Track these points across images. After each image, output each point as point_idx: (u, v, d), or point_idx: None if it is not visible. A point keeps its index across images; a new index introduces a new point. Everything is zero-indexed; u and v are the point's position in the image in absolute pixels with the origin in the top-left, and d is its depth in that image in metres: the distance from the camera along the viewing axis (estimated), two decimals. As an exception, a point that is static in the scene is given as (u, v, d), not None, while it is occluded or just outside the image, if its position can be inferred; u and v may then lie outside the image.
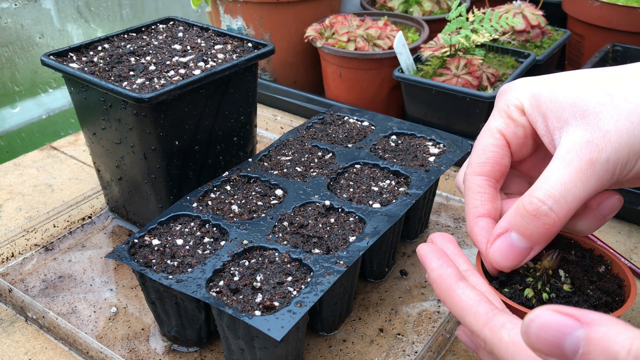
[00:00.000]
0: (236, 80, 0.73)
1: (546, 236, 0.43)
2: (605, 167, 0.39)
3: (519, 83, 0.48)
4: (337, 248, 0.59)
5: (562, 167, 0.40)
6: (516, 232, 0.43)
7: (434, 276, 0.44)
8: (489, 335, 0.38)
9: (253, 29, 1.15)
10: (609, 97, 0.40)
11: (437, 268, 0.43)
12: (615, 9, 1.10)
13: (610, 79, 0.42)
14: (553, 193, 0.40)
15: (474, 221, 0.47)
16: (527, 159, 0.51)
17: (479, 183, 0.47)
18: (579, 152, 0.40)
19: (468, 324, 0.40)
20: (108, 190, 0.80)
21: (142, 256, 0.58)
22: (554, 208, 0.40)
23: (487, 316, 0.39)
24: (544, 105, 0.44)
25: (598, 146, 0.39)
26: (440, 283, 0.43)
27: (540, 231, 0.42)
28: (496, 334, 0.38)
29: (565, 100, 0.42)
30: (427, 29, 1.13)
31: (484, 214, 0.47)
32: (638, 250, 0.76)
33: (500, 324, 0.38)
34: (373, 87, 1.07)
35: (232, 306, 0.51)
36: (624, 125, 0.39)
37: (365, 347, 0.62)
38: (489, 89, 0.94)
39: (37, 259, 0.75)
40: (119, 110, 0.66)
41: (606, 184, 0.41)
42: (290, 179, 0.69)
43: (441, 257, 0.44)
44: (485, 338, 0.38)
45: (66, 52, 0.73)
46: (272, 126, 1.07)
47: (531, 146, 0.48)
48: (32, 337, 0.64)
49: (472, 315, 0.39)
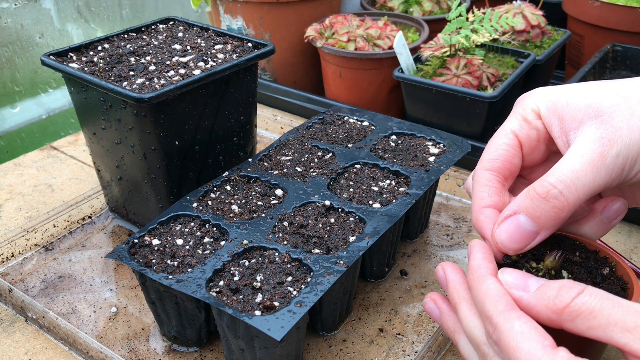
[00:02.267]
0: (236, 80, 0.73)
1: (554, 221, 0.43)
2: (615, 161, 0.41)
3: (537, 91, 0.50)
4: (337, 248, 0.59)
5: (575, 158, 0.42)
6: (524, 214, 0.44)
7: (473, 264, 0.45)
8: (502, 321, 0.39)
9: (253, 29, 1.15)
10: (622, 100, 0.43)
11: (478, 258, 0.45)
12: (615, 9, 1.10)
13: (625, 86, 0.45)
14: (564, 179, 0.42)
15: (480, 211, 0.48)
16: (537, 168, 0.52)
17: (488, 177, 0.48)
18: (591, 145, 0.42)
19: (485, 309, 0.41)
20: (108, 190, 0.80)
21: (142, 256, 0.58)
22: (564, 192, 0.42)
23: (506, 307, 0.40)
24: (560, 108, 0.46)
25: (610, 141, 0.42)
26: (475, 270, 0.44)
27: (549, 214, 0.43)
28: (509, 322, 0.39)
29: (581, 103, 0.45)
30: (427, 29, 1.13)
31: (490, 205, 0.47)
32: (638, 250, 0.76)
33: (516, 316, 0.39)
34: (373, 87, 1.07)
35: (232, 306, 0.51)
36: (636, 124, 0.42)
37: (365, 347, 0.62)
38: (489, 89, 0.94)
39: (37, 259, 0.75)
40: (119, 110, 0.66)
41: (615, 180, 0.42)
42: (290, 179, 0.69)
43: (487, 253, 0.46)
44: (497, 323, 0.39)
45: (66, 52, 0.73)
46: (272, 126, 1.07)
47: (543, 152, 0.49)
48: (32, 337, 0.64)
49: (493, 303, 0.41)
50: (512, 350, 0.38)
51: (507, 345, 0.38)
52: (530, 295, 0.40)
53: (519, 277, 0.42)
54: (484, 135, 0.94)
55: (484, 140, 0.93)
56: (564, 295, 0.38)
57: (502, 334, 0.39)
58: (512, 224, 0.45)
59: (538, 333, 0.38)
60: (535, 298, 0.40)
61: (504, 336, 0.39)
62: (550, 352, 0.37)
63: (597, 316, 0.37)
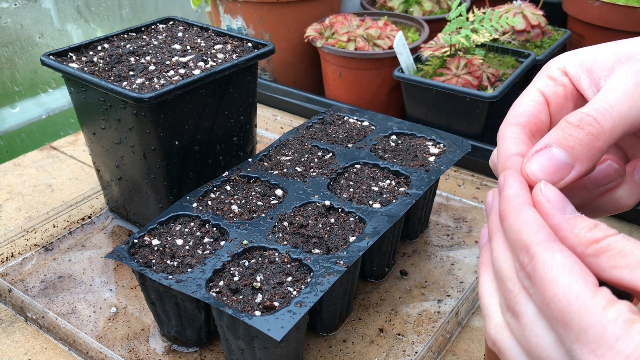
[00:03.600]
0: (236, 80, 0.72)
1: (589, 150, 0.40)
2: None
3: (562, 54, 0.48)
4: (337, 248, 0.58)
5: (608, 91, 0.41)
6: (557, 146, 0.41)
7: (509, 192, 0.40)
8: (541, 250, 0.35)
9: (253, 29, 1.15)
10: None
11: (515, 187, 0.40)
12: (615, 9, 1.10)
13: None
14: (597, 107, 0.40)
15: (507, 158, 0.44)
16: None
17: (513, 130, 0.45)
18: (625, 78, 0.40)
19: (523, 238, 0.37)
20: (108, 190, 0.80)
21: (142, 256, 0.58)
22: (599, 119, 0.40)
23: (547, 237, 0.36)
24: (587, 61, 0.44)
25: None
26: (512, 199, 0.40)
27: (584, 142, 0.40)
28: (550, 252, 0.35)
29: (609, 52, 0.43)
30: (427, 28, 1.13)
31: (518, 154, 0.44)
32: (638, 250, 0.76)
33: (559, 248, 0.35)
34: (373, 87, 1.07)
35: (232, 306, 0.51)
36: None
37: (365, 348, 0.62)
38: (489, 88, 0.94)
39: (37, 259, 0.75)
40: (118, 110, 0.66)
41: None
42: (290, 179, 0.69)
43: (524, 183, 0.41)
44: (535, 253, 0.35)
45: (66, 52, 0.73)
46: (272, 126, 1.07)
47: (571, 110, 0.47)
48: (32, 337, 0.64)
49: (533, 232, 0.36)
50: (548, 283, 0.34)
51: (543, 278, 0.34)
52: (563, 217, 0.37)
53: (560, 196, 0.38)
54: (484, 135, 0.94)
55: (484, 140, 0.93)
56: (598, 232, 0.35)
57: (540, 264, 0.34)
58: (544, 155, 0.41)
59: (581, 269, 0.34)
60: (567, 222, 0.36)
61: (541, 267, 0.34)
62: (592, 290, 0.32)
63: (626, 255, 0.33)
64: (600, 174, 0.46)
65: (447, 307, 0.67)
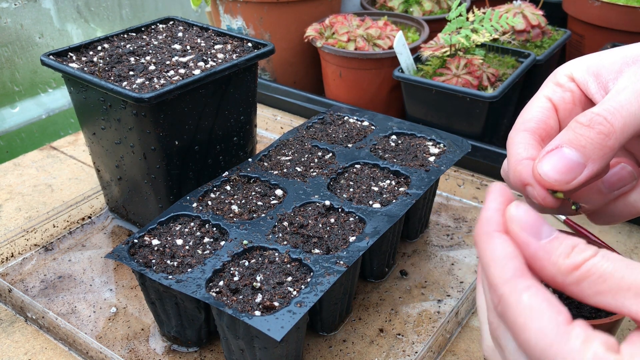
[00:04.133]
0: (236, 80, 0.72)
1: (601, 149, 0.40)
2: None
3: (568, 62, 0.48)
4: (337, 248, 0.58)
5: (617, 92, 0.41)
6: (568, 146, 0.41)
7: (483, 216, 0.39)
8: (508, 292, 0.34)
9: (253, 29, 1.15)
10: None
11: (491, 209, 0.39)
12: (615, 9, 1.10)
13: None
14: (607, 107, 0.40)
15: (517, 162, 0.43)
16: None
17: (523, 135, 0.45)
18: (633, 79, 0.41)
19: (490, 276, 0.36)
20: (108, 190, 0.80)
21: (142, 256, 0.58)
22: (609, 118, 0.40)
23: (514, 274, 0.35)
24: (594, 66, 0.45)
25: None
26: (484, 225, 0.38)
27: (595, 141, 0.40)
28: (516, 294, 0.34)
29: (616, 56, 0.44)
30: (427, 28, 1.13)
31: (528, 157, 0.43)
32: (638, 251, 0.76)
33: (525, 286, 0.34)
34: (373, 87, 1.07)
35: (232, 306, 0.51)
36: None
37: (365, 348, 0.62)
38: (489, 88, 0.94)
39: (37, 259, 0.75)
40: (118, 110, 0.66)
41: None
42: (290, 179, 0.69)
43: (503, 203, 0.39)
44: (503, 295, 0.34)
45: (66, 52, 0.73)
46: (272, 126, 1.07)
47: None
48: (32, 337, 0.64)
49: (500, 268, 0.35)
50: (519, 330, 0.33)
51: (514, 323, 0.33)
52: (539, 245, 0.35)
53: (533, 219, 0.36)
54: (484, 135, 0.94)
55: (484, 140, 0.93)
56: (576, 256, 0.33)
57: (508, 308, 0.34)
58: (555, 155, 0.40)
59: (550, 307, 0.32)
60: (544, 251, 0.35)
61: (510, 311, 0.33)
62: (565, 330, 0.31)
63: (607, 279, 0.32)
64: (614, 177, 0.46)
65: (447, 307, 0.67)
